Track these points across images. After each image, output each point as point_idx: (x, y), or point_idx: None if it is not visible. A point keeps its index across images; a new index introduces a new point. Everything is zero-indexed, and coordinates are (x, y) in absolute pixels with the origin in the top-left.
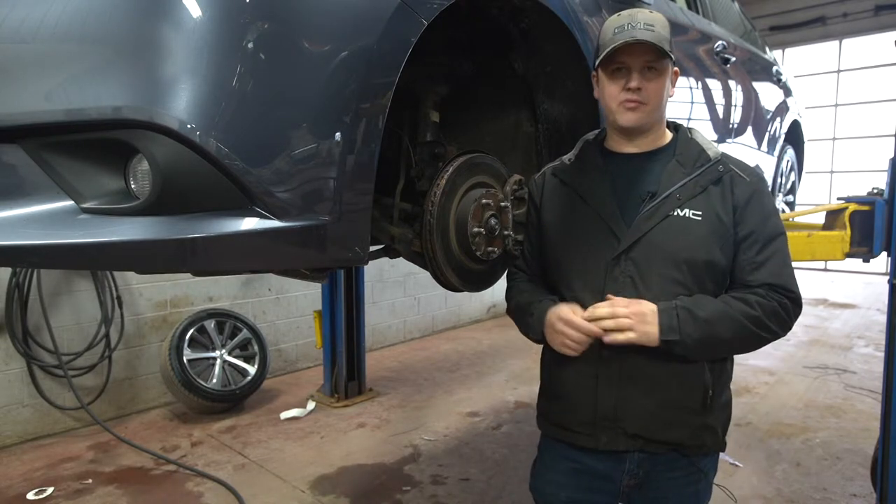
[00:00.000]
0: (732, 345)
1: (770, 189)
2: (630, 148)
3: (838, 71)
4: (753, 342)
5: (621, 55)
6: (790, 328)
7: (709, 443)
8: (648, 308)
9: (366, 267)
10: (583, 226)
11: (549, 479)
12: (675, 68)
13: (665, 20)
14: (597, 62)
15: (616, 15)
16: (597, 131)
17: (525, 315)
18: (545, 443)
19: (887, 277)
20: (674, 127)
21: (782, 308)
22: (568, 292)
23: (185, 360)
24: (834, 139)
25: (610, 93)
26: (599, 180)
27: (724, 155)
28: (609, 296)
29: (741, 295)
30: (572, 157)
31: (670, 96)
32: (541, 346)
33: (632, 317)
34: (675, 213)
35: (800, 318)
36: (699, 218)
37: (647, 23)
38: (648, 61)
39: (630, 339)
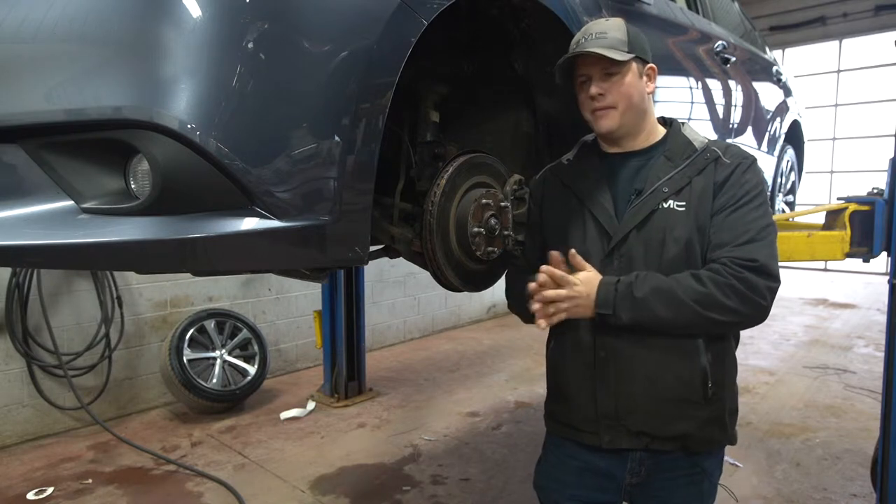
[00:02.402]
0: (677, 325)
1: (770, 189)
2: (621, 148)
3: (838, 71)
4: (706, 323)
5: (580, 68)
6: (761, 305)
7: (717, 437)
8: (594, 282)
9: (366, 267)
10: (579, 225)
11: (554, 478)
12: (651, 65)
13: (621, 23)
14: (564, 80)
15: (578, 31)
16: (595, 133)
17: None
18: (551, 442)
19: (887, 277)
20: (668, 123)
21: (741, 282)
22: None
23: (185, 360)
24: (834, 139)
25: (581, 103)
26: (595, 180)
27: (710, 142)
28: (573, 255)
29: (697, 272)
30: (570, 158)
31: (649, 92)
32: (542, 346)
33: (567, 300)
34: (661, 207)
35: (800, 318)
36: (683, 209)
37: (598, 33)
38: (604, 68)
39: (561, 318)
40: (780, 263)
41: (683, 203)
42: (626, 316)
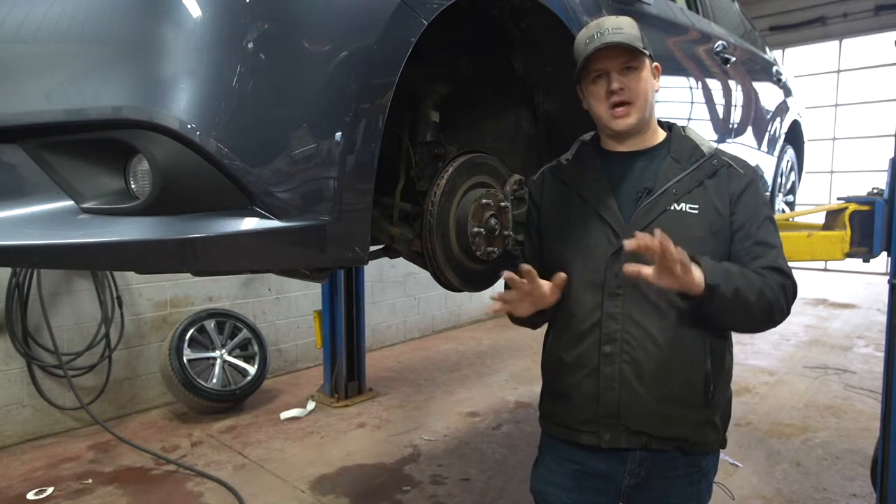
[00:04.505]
0: (753, 309)
1: (770, 189)
2: (625, 147)
3: (838, 71)
4: (767, 314)
5: (597, 62)
6: (786, 316)
7: (711, 439)
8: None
9: (366, 267)
10: (582, 224)
11: (551, 482)
12: (656, 63)
13: (633, 21)
14: (577, 75)
15: (584, 28)
16: (592, 132)
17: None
18: (547, 444)
19: (887, 277)
20: (667, 126)
21: (784, 288)
22: (568, 289)
23: (185, 360)
24: (834, 139)
25: (596, 100)
26: (597, 179)
27: (718, 150)
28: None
29: (750, 270)
30: (569, 158)
31: (656, 90)
32: (541, 346)
33: (680, 253)
34: (672, 208)
35: (800, 318)
36: (696, 211)
37: (614, 27)
38: (624, 62)
39: (671, 280)
40: None
41: (696, 206)
42: (730, 289)
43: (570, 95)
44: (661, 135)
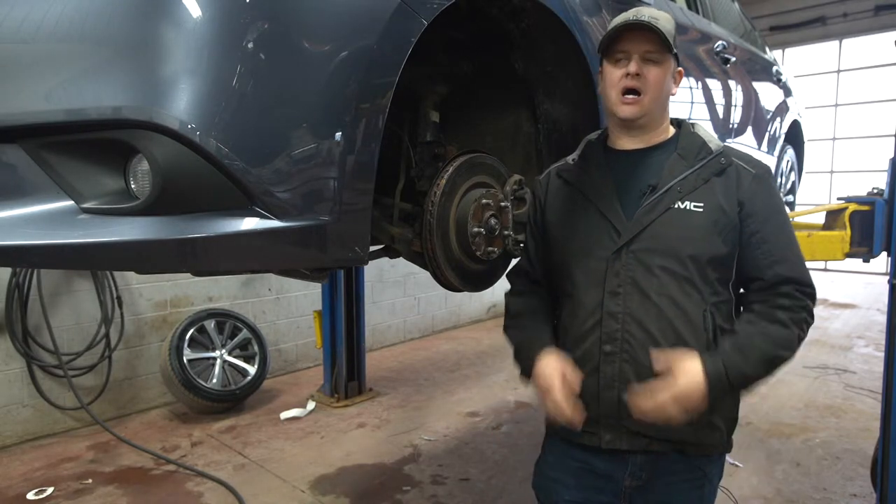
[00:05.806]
0: (768, 375)
1: None
2: (632, 144)
3: (838, 71)
4: (788, 354)
5: (623, 43)
6: (813, 320)
7: (713, 442)
8: (693, 371)
9: (366, 267)
10: (584, 222)
11: (553, 478)
12: (680, 69)
13: (671, 18)
14: (601, 50)
15: (624, 12)
16: (599, 131)
17: (517, 354)
18: (550, 442)
19: (887, 277)
20: (676, 123)
21: (808, 312)
22: (571, 289)
23: (185, 360)
24: (834, 139)
25: (610, 79)
26: (601, 176)
27: (726, 147)
28: (654, 355)
29: (773, 314)
30: (576, 157)
31: (672, 94)
32: None
33: (675, 403)
34: (676, 206)
35: None
36: (700, 210)
37: (651, 16)
38: (649, 51)
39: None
40: None
41: (701, 204)
42: (741, 388)
43: (570, 95)
44: (671, 132)
